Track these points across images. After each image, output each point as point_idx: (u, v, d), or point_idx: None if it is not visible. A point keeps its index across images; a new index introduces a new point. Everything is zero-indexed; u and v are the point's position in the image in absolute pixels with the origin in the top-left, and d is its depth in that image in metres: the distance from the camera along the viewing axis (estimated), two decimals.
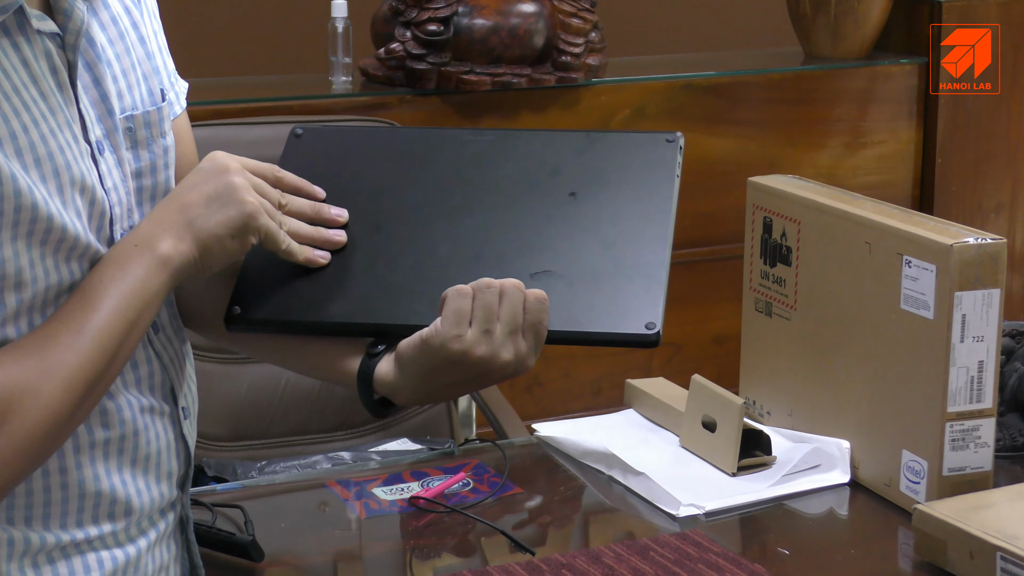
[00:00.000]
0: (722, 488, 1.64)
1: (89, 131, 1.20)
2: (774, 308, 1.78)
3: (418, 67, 2.90)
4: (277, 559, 1.49)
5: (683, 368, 3.04)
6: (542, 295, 1.21)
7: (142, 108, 1.27)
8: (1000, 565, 1.39)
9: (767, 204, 1.78)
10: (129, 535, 1.23)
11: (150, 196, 1.28)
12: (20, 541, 1.16)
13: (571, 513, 1.68)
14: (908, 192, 3.42)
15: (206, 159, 1.26)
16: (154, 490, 1.25)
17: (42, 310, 1.15)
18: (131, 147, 1.25)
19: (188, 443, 1.30)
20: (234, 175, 1.22)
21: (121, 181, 1.23)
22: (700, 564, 1.45)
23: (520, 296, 1.20)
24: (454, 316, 1.20)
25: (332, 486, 1.67)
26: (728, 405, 1.67)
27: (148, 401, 1.24)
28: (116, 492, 1.21)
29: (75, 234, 1.15)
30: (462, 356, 1.20)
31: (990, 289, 1.54)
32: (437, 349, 1.21)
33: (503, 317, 1.20)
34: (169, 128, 1.31)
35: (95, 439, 1.19)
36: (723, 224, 3.19)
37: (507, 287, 1.20)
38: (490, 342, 1.20)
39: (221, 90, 2.94)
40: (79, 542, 1.20)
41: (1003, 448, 1.69)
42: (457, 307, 1.20)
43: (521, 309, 1.20)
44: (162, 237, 1.20)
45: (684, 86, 3.18)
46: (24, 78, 1.14)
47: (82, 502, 1.19)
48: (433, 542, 1.55)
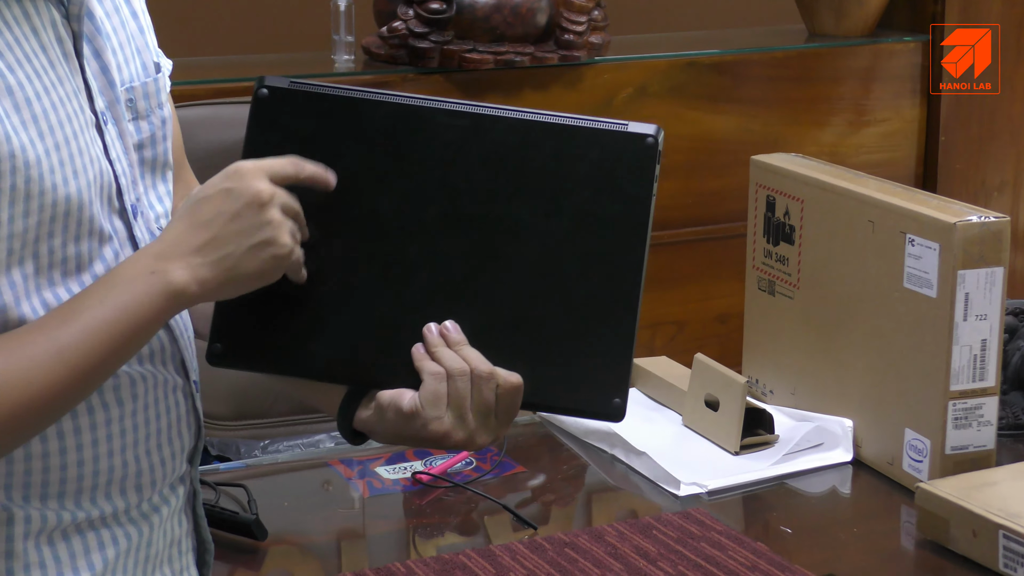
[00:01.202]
0: (725, 467, 1.64)
1: (95, 101, 1.21)
2: (777, 287, 1.78)
3: (421, 45, 2.89)
4: (280, 538, 1.49)
5: (686, 347, 3.04)
6: (517, 385, 1.22)
7: (140, 80, 1.27)
8: (1002, 543, 1.39)
9: (770, 182, 1.78)
10: (142, 510, 1.24)
11: (151, 168, 1.28)
12: (36, 519, 1.17)
13: (574, 492, 1.68)
14: (911, 170, 3.41)
15: (232, 175, 1.17)
16: (167, 464, 1.25)
17: (51, 287, 1.15)
18: (133, 119, 1.26)
19: (199, 416, 1.30)
20: (271, 210, 1.16)
21: (123, 153, 1.23)
22: (703, 543, 1.45)
23: (492, 385, 1.21)
24: (432, 398, 1.21)
25: (335, 465, 1.68)
26: (731, 384, 1.67)
27: (162, 374, 1.24)
28: (128, 466, 1.21)
29: (84, 202, 1.15)
30: (442, 438, 1.22)
31: (993, 267, 1.53)
32: (418, 427, 1.23)
33: (475, 408, 1.21)
34: (166, 100, 1.31)
35: (111, 415, 1.20)
36: (726, 202, 3.18)
37: (478, 377, 1.21)
38: (466, 427, 1.22)
39: (223, 69, 2.93)
40: (93, 519, 1.20)
41: (1006, 426, 1.69)
42: (434, 390, 1.21)
43: (493, 398, 1.21)
44: (180, 266, 1.15)
45: (687, 64, 3.17)
46: (35, 46, 1.15)
47: (96, 478, 1.19)
48: (436, 521, 1.55)
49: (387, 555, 1.48)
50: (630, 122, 1.23)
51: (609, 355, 1.23)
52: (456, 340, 1.22)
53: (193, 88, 2.59)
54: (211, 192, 1.16)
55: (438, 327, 1.22)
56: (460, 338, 1.22)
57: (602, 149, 1.23)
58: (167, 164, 1.31)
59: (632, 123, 1.23)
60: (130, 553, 1.23)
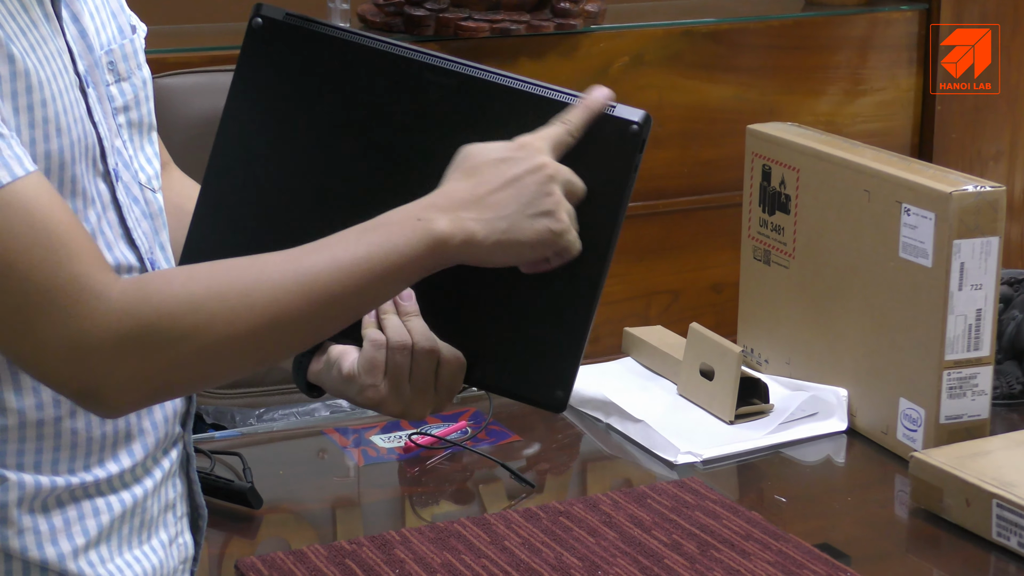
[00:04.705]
0: (719, 436, 1.64)
1: (77, 64, 1.20)
2: (772, 256, 1.78)
3: (416, 13, 2.88)
4: (275, 506, 1.50)
5: (681, 316, 3.04)
6: (459, 363, 1.20)
7: (118, 42, 1.27)
8: (996, 512, 1.40)
9: (766, 152, 1.78)
10: (135, 475, 1.24)
11: (138, 130, 1.27)
12: (31, 485, 1.17)
13: (568, 461, 1.68)
14: (907, 139, 3.40)
15: (519, 148, 1.14)
16: (160, 427, 1.25)
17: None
18: (116, 82, 1.25)
19: None
20: (554, 184, 1.13)
21: (104, 117, 1.22)
22: (697, 511, 1.46)
23: (433, 360, 1.19)
24: (368, 366, 1.20)
25: (330, 434, 1.68)
26: (726, 353, 1.67)
27: None
28: (120, 430, 1.21)
29: (67, 161, 1.14)
30: (377, 405, 1.22)
31: (989, 237, 1.53)
32: (355, 392, 1.22)
33: (414, 381, 1.20)
34: (143, 61, 1.30)
35: None
36: (722, 172, 3.18)
37: (419, 352, 1.19)
38: (402, 399, 1.21)
39: (217, 36, 2.92)
40: (87, 485, 1.20)
41: (1000, 396, 1.69)
42: (371, 358, 1.20)
43: (432, 373, 1.20)
44: (450, 217, 1.11)
45: (683, 33, 3.16)
46: (16, 5, 1.14)
47: (89, 443, 1.19)
48: (431, 489, 1.55)
49: (382, 523, 1.49)
50: (619, 104, 1.17)
51: (560, 346, 1.19)
52: (407, 310, 1.20)
53: (188, 56, 2.59)
54: (493, 156, 1.14)
55: None
56: (412, 308, 1.20)
57: (585, 131, 1.16)
58: (152, 125, 1.30)
59: (620, 106, 1.16)
60: (125, 518, 1.23)
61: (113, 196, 1.22)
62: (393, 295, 1.16)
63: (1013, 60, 3.35)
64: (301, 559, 1.36)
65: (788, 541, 1.39)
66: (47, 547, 1.18)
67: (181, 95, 2.24)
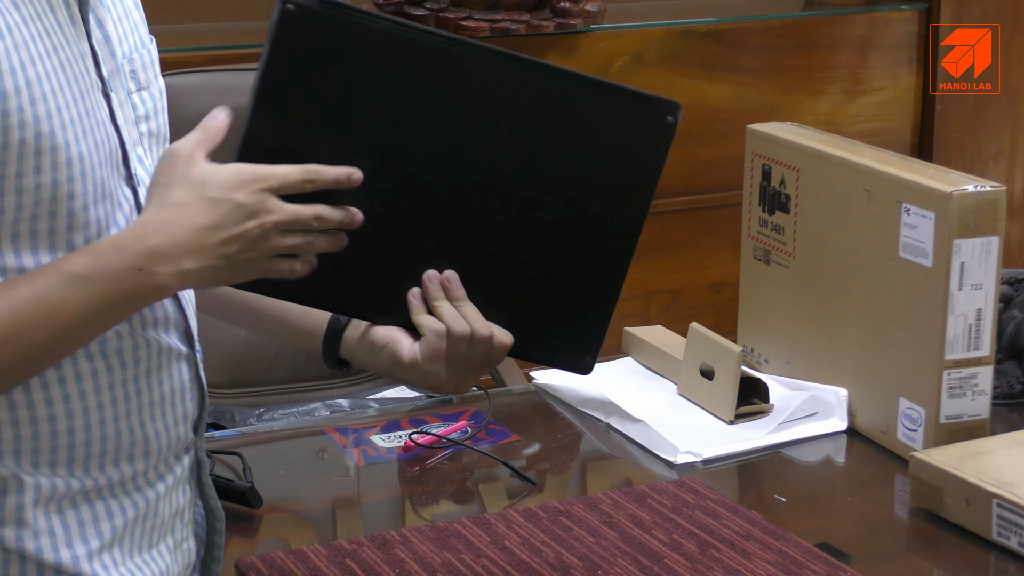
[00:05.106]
0: (719, 436, 1.64)
1: (101, 67, 1.21)
2: (772, 256, 1.78)
3: (416, 13, 2.88)
4: (275, 506, 1.50)
5: (681, 316, 3.04)
6: (508, 344, 1.27)
7: (139, 51, 1.28)
8: (996, 512, 1.40)
9: (766, 151, 1.78)
10: (147, 479, 1.24)
11: (155, 141, 1.28)
12: (46, 487, 1.18)
13: (569, 460, 1.68)
14: (907, 139, 3.40)
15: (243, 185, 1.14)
16: (172, 432, 1.26)
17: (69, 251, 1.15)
18: (137, 90, 1.26)
19: (203, 386, 1.31)
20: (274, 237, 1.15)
21: (126, 123, 1.23)
22: (697, 511, 1.46)
23: (488, 345, 1.26)
24: (432, 355, 1.26)
25: (330, 433, 1.68)
26: (726, 353, 1.67)
27: (167, 341, 1.25)
28: (134, 432, 1.22)
29: (95, 163, 1.15)
30: (437, 388, 1.30)
31: (989, 237, 1.53)
32: (415, 377, 1.30)
33: (470, 363, 1.27)
34: (159, 72, 1.31)
35: (114, 378, 1.20)
36: (722, 171, 3.18)
37: (477, 340, 1.26)
38: (456, 380, 1.29)
39: (217, 36, 2.92)
40: (101, 487, 1.21)
41: (1000, 396, 1.70)
42: (436, 348, 1.26)
43: (486, 357, 1.27)
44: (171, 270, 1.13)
45: (683, 32, 3.16)
46: (43, 6, 1.16)
47: (104, 444, 1.20)
48: (431, 489, 1.55)
49: (382, 523, 1.49)
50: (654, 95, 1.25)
51: (591, 317, 1.29)
52: (456, 295, 1.25)
53: (188, 55, 2.58)
54: (217, 194, 1.14)
55: (439, 277, 1.25)
56: (460, 292, 1.25)
57: (625, 114, 1.24)
58: (165, 137, 1.31)
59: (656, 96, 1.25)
60: (137, 522, 1.24)
61: (136, 200, 1.22)
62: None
63: (1013, 60, 3.35)
64: (301, 559, 1.37)
65: (788, 541, 1.39)
66: (62, 550, 1.19)
67: (181, 95, 2.23)
